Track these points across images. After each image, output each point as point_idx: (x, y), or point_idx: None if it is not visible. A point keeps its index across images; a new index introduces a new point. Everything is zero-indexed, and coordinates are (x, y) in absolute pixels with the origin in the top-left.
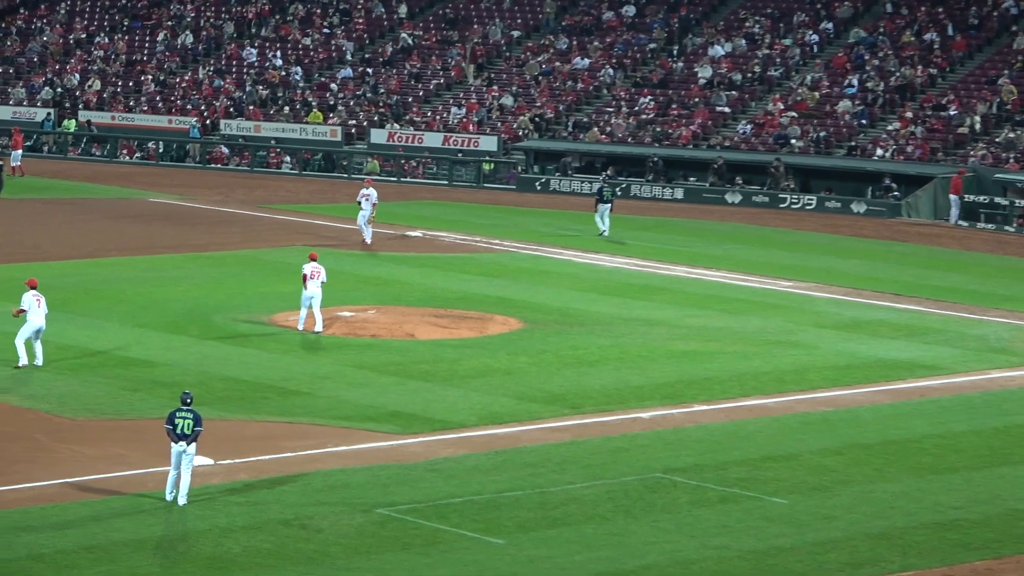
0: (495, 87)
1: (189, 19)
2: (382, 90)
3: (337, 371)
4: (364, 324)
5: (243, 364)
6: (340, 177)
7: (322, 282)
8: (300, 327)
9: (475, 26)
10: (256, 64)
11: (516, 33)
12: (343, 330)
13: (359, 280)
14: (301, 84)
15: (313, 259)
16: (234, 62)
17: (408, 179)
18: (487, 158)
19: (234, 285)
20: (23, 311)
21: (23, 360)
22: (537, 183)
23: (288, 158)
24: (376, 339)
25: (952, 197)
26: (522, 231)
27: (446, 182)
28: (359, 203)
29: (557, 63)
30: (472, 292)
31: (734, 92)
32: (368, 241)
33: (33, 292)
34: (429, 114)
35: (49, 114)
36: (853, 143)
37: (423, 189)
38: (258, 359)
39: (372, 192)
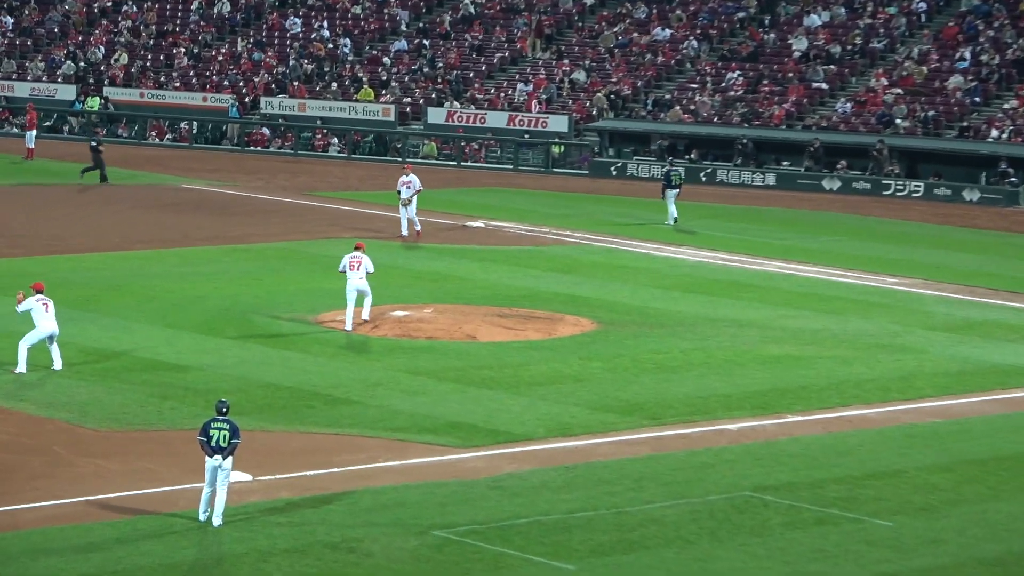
0: (565, 61)
1: None
2: (440, 64)
3: (390, 377)
4: (419, 325)
5: (285, 369)
6: (393, 161)
7: (368, 272)
8: (348, 327)
9: None
10: (300, 35)
11: (589, 1)
12: (396, 331)
13: (413, 276)
14: (350, 58)
15: (359, 248)
16: (276, 33)
17: (469, 163)
18: (556, 140)
19: (275, 281)
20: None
21: (21, 367)
22: (612, 168)
23: (335, 140)
24: (433, 341)
25: None
26: (596, 221)
27: (511, 167)
28: (398, 192)
29: (635, 34)
30: (540, 289)
31: (832, 66)
32: (404, 233)
33: (39, 296)
34: (492, 91)
35: (78, 93)
36: (965, 123)
37: (485, 174)
38: (302, 363)
39: (413, 179)
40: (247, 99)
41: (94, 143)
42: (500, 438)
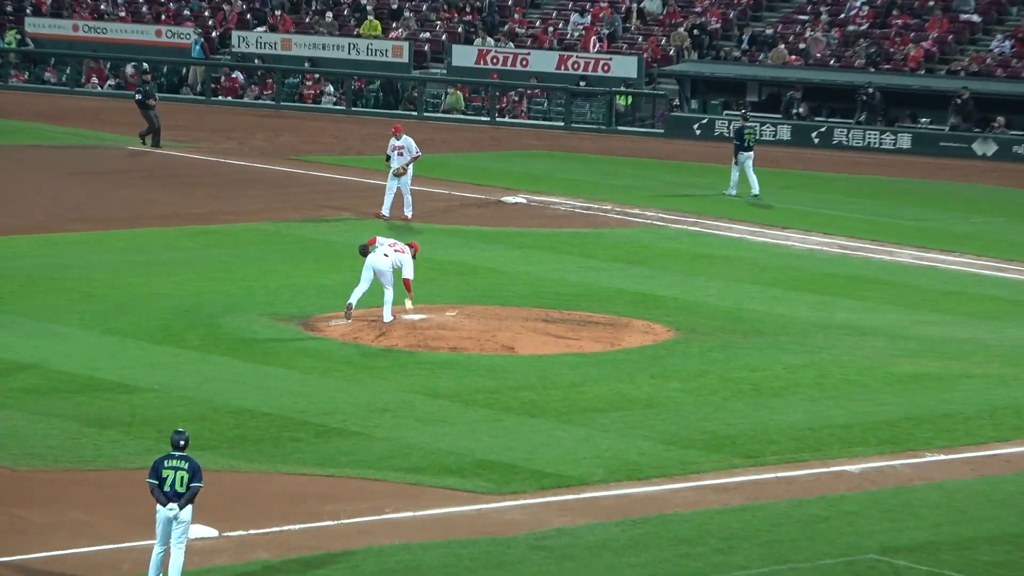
0: None
1: None
2: None
3: (401, 401)
4: (440, 332)
5: (264, 390)
6: (407, 115)
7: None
8: (389, 316)
9: None
10: None
11: None
12: (409, 340)
13: (433, 267)
14: None
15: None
16: None
17: (506, 119)
18: (622, 89)
19: (252, 274)
20: None
21: None
22: (696, 125)
23: (330, 88)
24: (458, 354)
25: None
26: (673, 196)
27: (562, 124)
28: (387, 158)
29: None
30: (599, 285)
31: None
32: (386, 213)
33: None
34: (537, 24)
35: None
36: None
37: (527, 134)
38: (286, 382)
39: (408, 143)
40: (214, 34)
41: (140, 94)
42: (546, 482)
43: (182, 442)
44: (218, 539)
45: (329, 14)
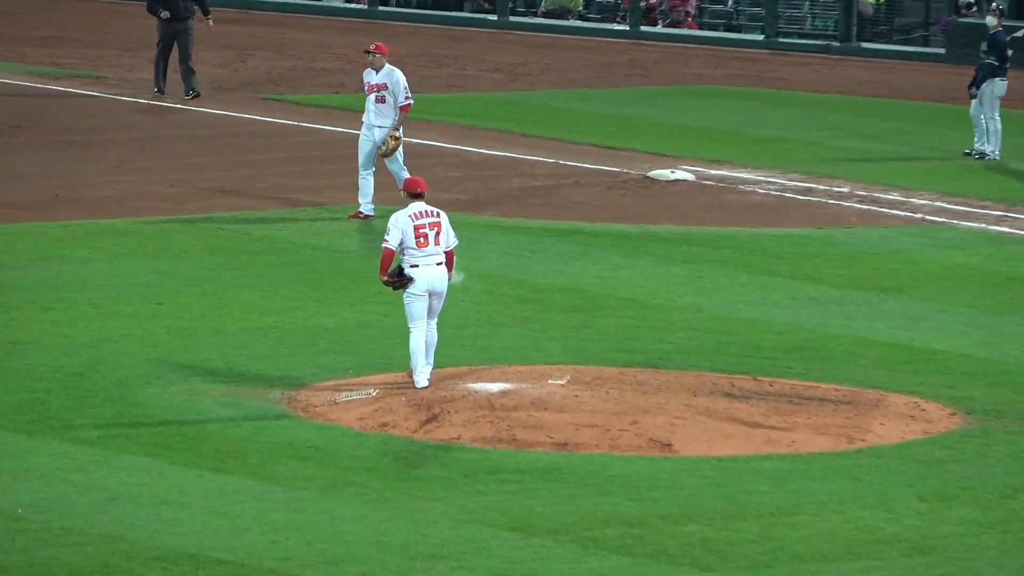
0: None
1: None
2: None
3: (467, 540)
4: (538, 415)
5: (219, 518)
6: (474, 22)
7: (449, 248)
8: (422, 382)
9: None
10: None
11: None
12: (481, 430)
13: (522, 295)
14: None
15: (420, 193)
16: None
17: (658, 29)
18: None
19: (196, 307)
20: None
21: None
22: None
23: None
24: (570, 454)
25: None
26: (961, 171)
27: (760, 38)
28: (368, 116)
29: None
30: (826, 332)
31: None
32: (369, 211)
33: None
34: None
35: None
36: None
37: (697, 56)
38: (259, 507)
39: (395, 76)
40: None
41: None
42: None
43: None
44: None
45: None
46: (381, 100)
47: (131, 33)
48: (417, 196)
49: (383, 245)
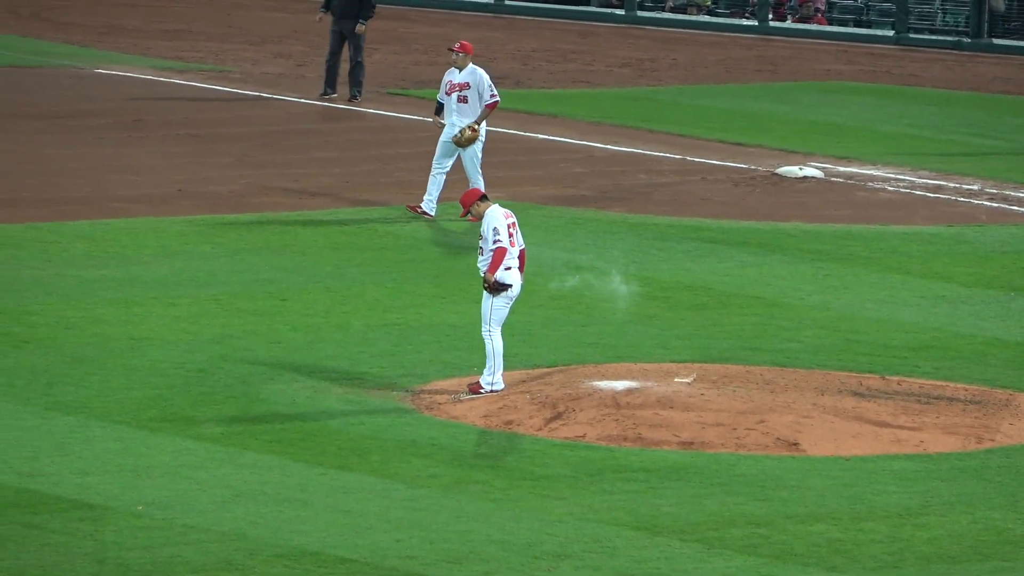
0: None
1: None
2: None
3: (592, 539)
4: (664, 413)
5: (341, 516)
6: (602, 16)
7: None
8: (498, 385)
9: None
10: None
11: None
12: (606, 429)
13: (650, 293)
14: None
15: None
16: None
17: (787, 24)
18: None
19: (320, 303)
20: None
21: None
22: None
23: None
24: (696, 452)
25: None
26: None
27: (890, 33)
28: (438, 108)
29: None
30: (955, 331)
31: None
32: (430, 210)
33: None
34: None
35: None
36: None
37: (826, 52)
38: (381, 505)
39: (478, 76)
40: None
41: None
42: None
43: None
44: None
45: None
46: (463, 100)
47: (256, 27)
48: (487, 198)
49: (496, 244)
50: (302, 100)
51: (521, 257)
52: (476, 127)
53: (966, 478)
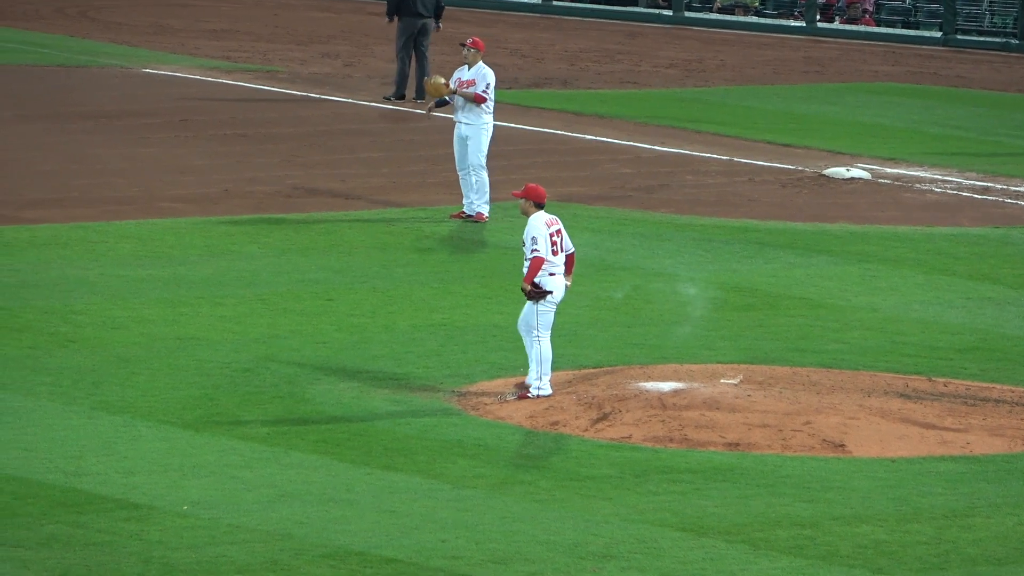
0: None
1: None
2: None
3: (637, 539)
4: (710, 414)
5: (386, 516)
6: (650, 17)
7: (570, 251)
8: (545, 389)
9: None
10: None
11: None
12: (654, 429)
13: (701, 292)
14: None
15: (542, 202)
16: None
17: (835, 26)
18: None
19: (367, 303)
20: None
21: None
22: None
23: None
24: (742, 453)
25: None
26: None
27: (938, 35)
28: (437, 101)
29: None
30: (1003, 332)
31: None
32: (476, 211)
33: None
34: None
35: None
36: None
37: (874, 53)
38: (427, 504)
39: (484, 73)
40: None
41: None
42: None
43: None
44: None
45: None
46: (468, 86)
47: (302, 27)
48: (542, 206)
49: (534, 254)
50: (349, 100)
51: (569, 260)
52: (452, 90)
53: (1012, 480)
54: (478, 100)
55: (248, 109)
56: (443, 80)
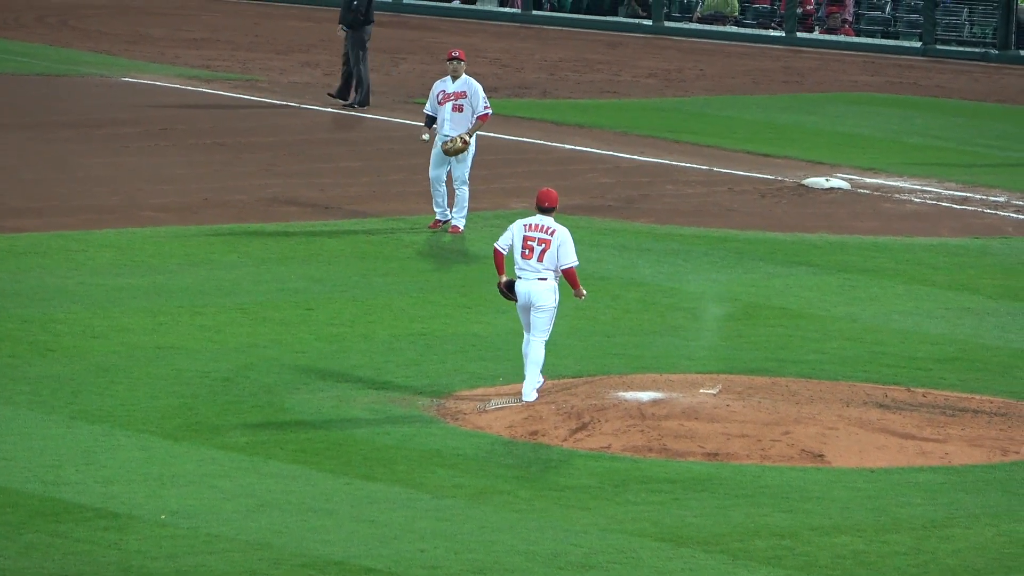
0: None
1: None
2: None
3: (616, 550)
4: (689, 424)
5: (366, 526)
6: (628, 27)
7: (555, 270)
8: (530, 396)
9: None
10: None
11: None
12: (633, 439)
13: (674, 304)
14: None
15: (548, 206)
16: None
17: (814, 35)
18: None
19: (347, 312)
20: None
21: None
22: None
23: None
24: (720, 463)
25: None
26: None
27: (917, 45)
28: (428, 120)
29: None
30: (981, 343)
31: None
32: (444, 215)
33: None
34: None
35: None
36: None
37: (853, 63)
38: (407, 514)
39: (473, 87)
40: None
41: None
42: None
43: None
44: None
45: None
46: (459, 109)
47: (282, 36)
48: (544, 210)
49: (494, 244)
50: (329, 110)
51: (569, 275)
52: (468, 138)
53: (991, 490)
54: (486, 119)
55: (228, 118)
56: (460, 140)
